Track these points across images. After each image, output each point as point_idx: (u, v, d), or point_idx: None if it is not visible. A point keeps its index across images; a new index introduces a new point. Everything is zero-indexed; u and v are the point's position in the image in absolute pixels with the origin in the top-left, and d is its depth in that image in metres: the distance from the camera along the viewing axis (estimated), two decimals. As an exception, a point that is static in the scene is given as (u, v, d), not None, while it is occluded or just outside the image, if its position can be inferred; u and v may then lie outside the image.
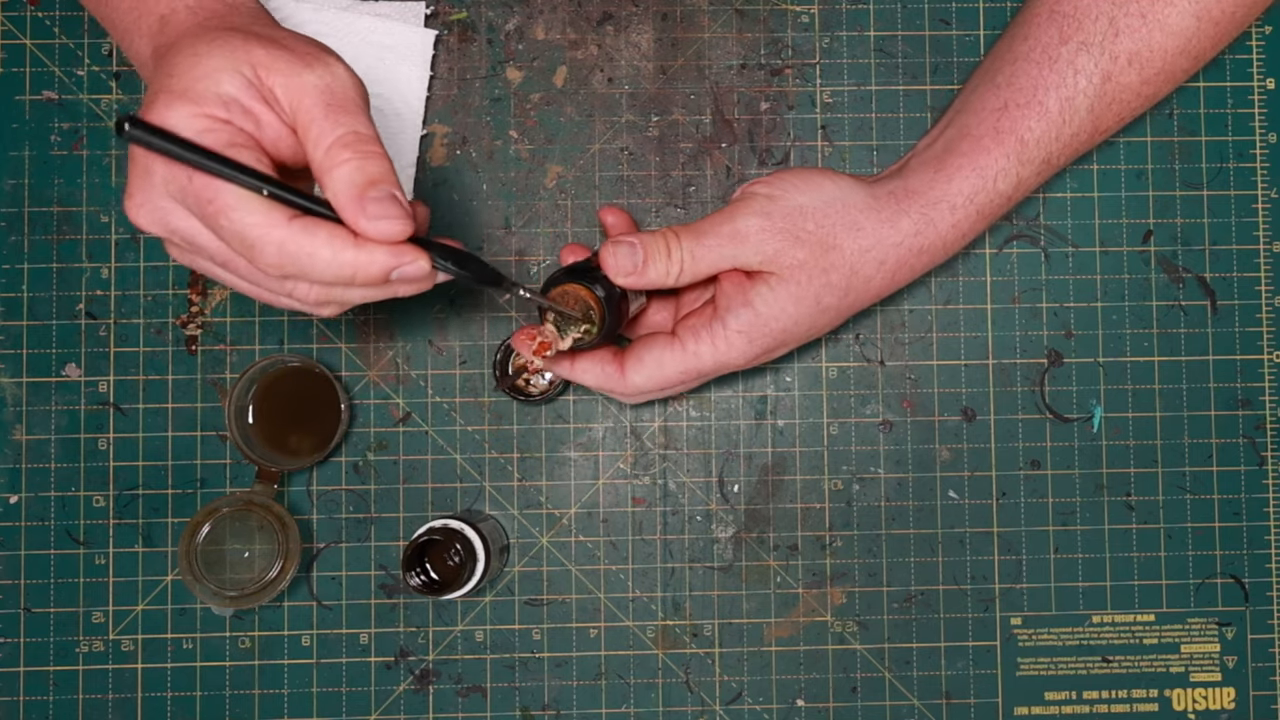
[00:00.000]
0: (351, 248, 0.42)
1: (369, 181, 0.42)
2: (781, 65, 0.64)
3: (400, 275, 0.43)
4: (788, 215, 0.51)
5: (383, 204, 0.42)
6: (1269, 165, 0.65)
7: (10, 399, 0.62)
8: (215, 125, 0.42)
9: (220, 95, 0.42)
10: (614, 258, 0.51)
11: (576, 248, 0.57)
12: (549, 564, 0.63)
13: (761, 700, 0.62)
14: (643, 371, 0.53)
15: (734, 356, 0.52)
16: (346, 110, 0.43)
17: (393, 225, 0.42)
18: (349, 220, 0.42)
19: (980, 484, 0.63)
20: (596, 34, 0.64)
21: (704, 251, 0.51)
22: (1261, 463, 0.64)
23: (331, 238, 0.42)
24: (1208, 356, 0.64)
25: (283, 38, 0.45)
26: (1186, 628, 0.63)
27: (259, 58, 0.43)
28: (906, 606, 0.63)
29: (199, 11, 0.48)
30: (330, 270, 0.42)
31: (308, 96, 0.43)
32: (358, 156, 0.42)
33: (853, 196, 0.52)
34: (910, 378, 0.64)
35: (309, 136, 0.43)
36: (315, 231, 0.42)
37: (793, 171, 0.53)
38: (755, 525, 0.63)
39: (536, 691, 0.62)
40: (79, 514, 0.62)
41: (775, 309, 0.51)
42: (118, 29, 0.50)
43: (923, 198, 0.52)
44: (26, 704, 0.61)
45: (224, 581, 0.59)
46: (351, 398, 0.63)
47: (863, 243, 0.52)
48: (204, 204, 0.41)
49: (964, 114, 0.54)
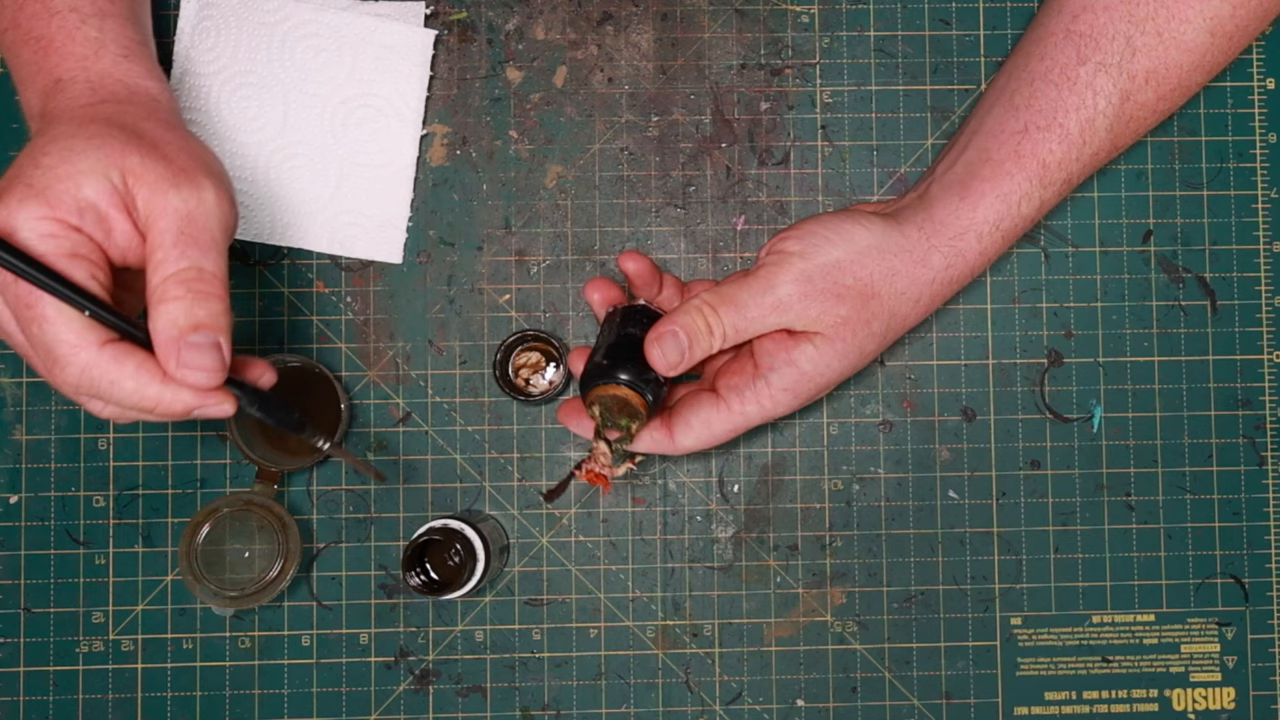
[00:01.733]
0: (157, 384, 0.42)
1: (193, 325, 0.42)
2: (781, 65, 0.64)
3: (201, 414, 0.44)
4: (826, 274, 0.50)
5: (199, 352, 0.42)
6: (1269, 165, 0.65)
7: (10, 399, 0.62)
8: (62, 231, 0.42)
9: (78, 200, 0.42)
10: (662, 354, 0.50)
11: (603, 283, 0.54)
12: (549, 564, 0.63)
13: (761, 700, 0.62)
14: (691, 435, 0.52)
15: (780, 411, 0.52)
16: (197, 243, 0.43)
17: (200, 377, 0.42)
18: (161, 361, 0.42)
19: (980, 484, 0.63)
20: (596, 34, 0.64)
21: (746, 324, 0.50)
22: (1261, 463, 0.64)
23: (139, 370, 0.42)
24: (1208, 356, 0.64)
25: (166, 144, 0.44)
26: (1186, 628, 0.63)
27: (131, 165, 0.43)
28: (906, 606, 0.63)
29: (98, 90, 0.47)
30: (131, 399, 0.43)
31: (163, 218, 0.42)
32: (189, 296, 0.42)
33: (887, 242, 0.51)
34: (910, 378, 0.64)
35: (153, 259, 0.42)
36: (124, 362, 0.42)
37: (818, 221, 0.52)
38: (755, 525, 0.63)
39: (536, 691, 0.62)
40: (79, 514, 0.62)
41: (821, 366, 0.51)
42: (16, 74, 0.50)
43: (950, 229, 0.52)
44: (26, 704, 0.61)
45: (224, 581, 0.59)
46: (351, 398, 0.63)
47: (899, 286, 0.51)
48: (22, 307, 0.42)
49: (982, 135, 0.53)
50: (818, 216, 0.53)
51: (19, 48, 0.49)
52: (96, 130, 0.43)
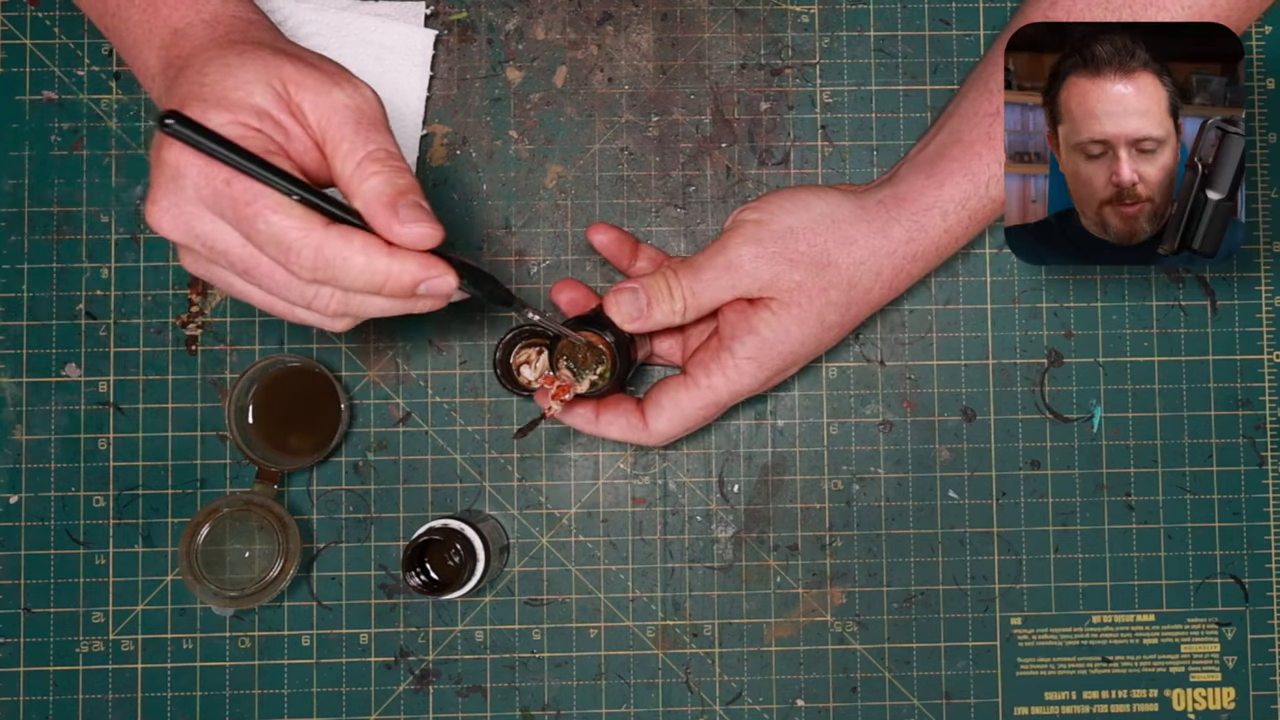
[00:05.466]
0: (385, 255, 0.43)
1: (399, 192, 0.43)
2: (781, 65, 0.64)
3: (428, 289, 0.44)
4: (779, 239, 0.52)
5: (415, 210, 0.43)
6: (1269, 165, 0.65)
7: (10, 399, 0.62)
8: (250, 133, 0.42)
9: (254, 105, 0.43)
10: (618, 306, 0.52)
11: (569, 284, 0.57)
12: (549, 564, 0.63)
13: (761, 700, 0.62)
14: (663, 416, 0.53)
15: (746, 383, 0.53)
16: (375, 129, 0.44)
17: (424, 229, 0.43)
18: (381, 227, 0.43)
19: (980, 484, 0.63)
20: (596, 34, 0.64)
21: (702, 286, 0.52)
22: (1261, 463, 0.64)
23: (367, 245, 0.43)
24: (1208, 356, 0.64)
25: (307, 55, 0.46)
26: (1186, 628, 0.63)
27: (289, 73, 0.44)
28: (906, 606, 0.63)
29: (217, 26, 0.48)
30: (363, 277, 0.43)
31: (337, 114, 0.44)
32: (388, 170, 0.43)
33: (841, 211, 0.52)
34: (910, 378, 0.64)
35: (339, 152, 0.43)
36: (351, 238, 0.42)
37: (779, 193, 0.54)
38: (755, 525, 0.63)
39: (536, 691, 0.62)
40: (79, 514, 0.62)
41: (780, 332, 0.52)
42: (124, 39, 0.50)
43: (914, 204, 0.52)
44: (26, 704, 0.61)
45: (224, 581, 0.59)
46: (351, 398, 0.63)
47: (857, 255, 0.52)
48: (241, 206, 0.42)
49: (956, 118, 0.54)
50: (781, 189, 0.54)
51: (126, 10, 0.49)
52: (243, 49, 0.45)
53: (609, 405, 0.54)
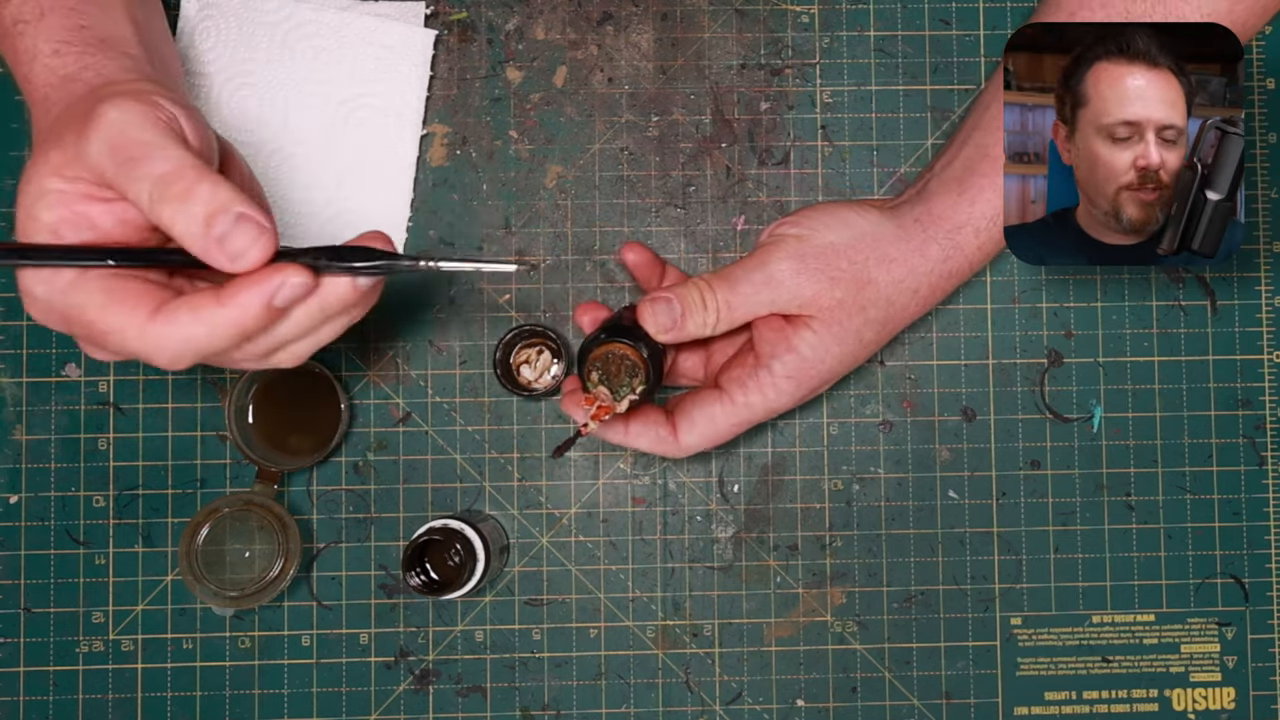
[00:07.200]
0: (216, 306, 0.39)
1: (209, 216, 0.39)
2: (781, 65, 0.64)
3: (283, 301, 0.40)
4: (820, 255, 0.51)
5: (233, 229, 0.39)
6: (1269, 165, 0.65)
7: (10, 399, 0.62)
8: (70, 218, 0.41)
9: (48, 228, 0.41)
10: (653, 315, 0.51)
11: (592, 306, 0.56)
12: (549, 564, 0.63)
13: (761, 700, 0.62)
14: (695, 431, 0.52)
15: (784, 401, 0.52)
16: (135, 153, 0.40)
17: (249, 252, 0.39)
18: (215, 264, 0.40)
19: (980, 484, 0.63)
20: (596, 34, 0.64)
21: (739, 300, 0.51)
22: (1261, 463, 0.64)
23: (194, 311, 0.40)
24: (1208, 356, 0.64)
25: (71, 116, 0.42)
26: (1186, 628, 0.63)
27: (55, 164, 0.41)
28: (906, 606, 0.63)
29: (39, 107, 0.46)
30: (217, 340, 0.40)
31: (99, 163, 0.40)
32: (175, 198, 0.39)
33: (882, 229, 0.52)
34: (910, 378, 0.64)
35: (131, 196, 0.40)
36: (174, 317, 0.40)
37: (818, 208, 0.53)
38: (755, 525, 0.63)
39: (536, 691, 0.62)
40: (79, 514, 0.62)
41: (820, 351, 0.51)
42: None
43: (948, 222, 0.52)
44: (26, 704, 0.61)
45: (224, 581, 0.59)
46: (351, 398, 0.63)
47: (896, 274, 0.52)
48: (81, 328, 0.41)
49: (981, 131, 0.53)
50: (818, 204, 0.54)
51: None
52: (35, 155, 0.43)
53: (638, 416, 0.53)
